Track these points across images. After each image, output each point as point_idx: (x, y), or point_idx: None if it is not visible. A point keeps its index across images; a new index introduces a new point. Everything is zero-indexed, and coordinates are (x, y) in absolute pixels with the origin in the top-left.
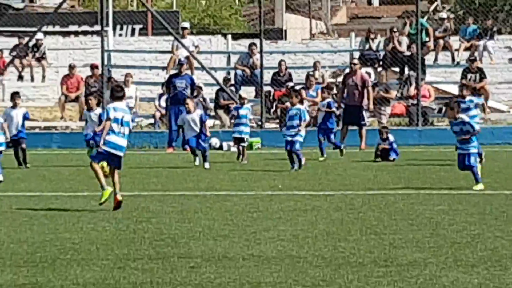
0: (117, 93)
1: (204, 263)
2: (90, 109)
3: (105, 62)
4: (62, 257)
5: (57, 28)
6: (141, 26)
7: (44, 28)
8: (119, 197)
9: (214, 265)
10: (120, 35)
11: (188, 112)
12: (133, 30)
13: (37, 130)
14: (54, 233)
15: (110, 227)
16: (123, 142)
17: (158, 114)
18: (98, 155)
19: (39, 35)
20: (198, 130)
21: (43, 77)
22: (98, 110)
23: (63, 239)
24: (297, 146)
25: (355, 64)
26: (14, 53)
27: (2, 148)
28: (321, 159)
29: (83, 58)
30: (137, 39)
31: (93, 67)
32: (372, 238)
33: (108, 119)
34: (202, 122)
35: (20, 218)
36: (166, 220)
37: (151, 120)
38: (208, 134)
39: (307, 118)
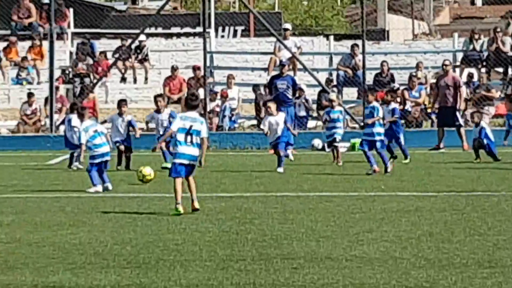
0: (192, 102)
1: (307, 264)
2: (158, 110)
3: (207, 64)
4: (165, 258)
5: (160, 30)
6: (243, 27)
7: (147, 30)
8: (196, 205)
9: (317, 266)
10: (222, 36)
11: (271, 114)
12: (235, 31)
13: (139, 132)
14: (157, 235)
15: (213, 228)
16: (193, 151)
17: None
18: (174, 169)
19: (142, 37)
20: (279, 133)
21: (146, 78)
22: (168, 112)
23: (166, 240)
24: (378, 145)
25: (446, 65)
26: (117, 55)
27: (108, 158)
28: (405, 161)
29: (185, 59)
30: (239, 40)
31: (195, 68)
32: (476, 239)
33: (171, 130)
34: (286, 123)
35: (123, 220)
36: (269, 221)
37: (254, 121)
38: (296, 133)
39: (380, 114)
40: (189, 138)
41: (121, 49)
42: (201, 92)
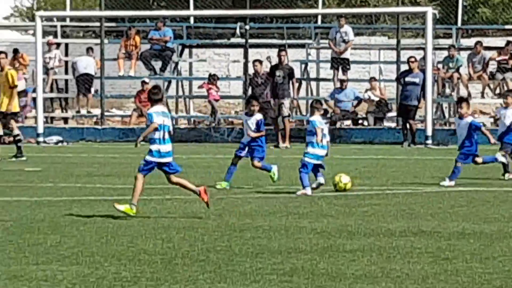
0: (155, 95)
1: None
2: (251, 113)
3: None
4: None
5: None
6: None
7: None
8: (204, 198)
9: None
10: None
11: (460, 117)
12: None
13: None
14: None
15: None
16: (168, 147)
17: None
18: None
19: None
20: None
21: None
22: (258, 116)
23: None
24: None
25: None
26: None
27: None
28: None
29: None
30: None
31: None
32: None
33: (155, 123)
34: (476, 129)
35: None
36: None
37: None
38: (493, 141)
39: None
40: (165, 135)
41: None
42: None
